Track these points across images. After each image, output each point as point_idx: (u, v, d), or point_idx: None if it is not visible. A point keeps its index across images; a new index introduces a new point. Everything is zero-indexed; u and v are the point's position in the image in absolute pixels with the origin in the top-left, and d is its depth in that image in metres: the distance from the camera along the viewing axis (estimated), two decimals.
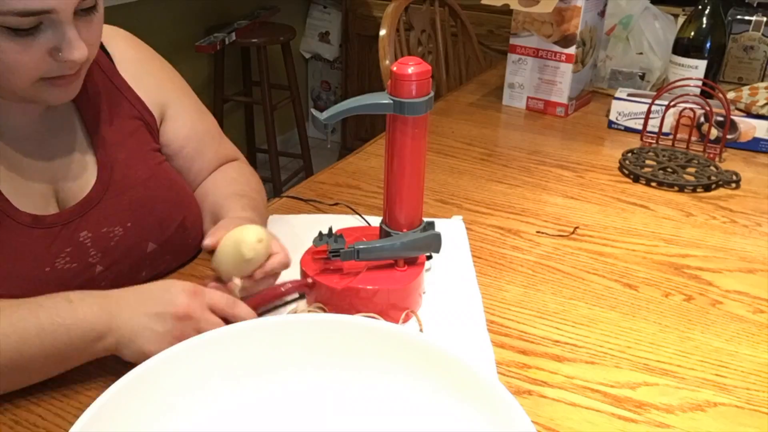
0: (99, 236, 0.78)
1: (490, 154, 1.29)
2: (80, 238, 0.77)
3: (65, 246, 0.75)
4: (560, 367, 0.74)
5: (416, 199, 0.80)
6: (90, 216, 0.78)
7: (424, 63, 0.73)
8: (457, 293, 0.85)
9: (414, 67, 0.72)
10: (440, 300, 0.83)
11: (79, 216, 0.77)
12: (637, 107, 1.38)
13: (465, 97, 1.62)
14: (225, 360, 0.56)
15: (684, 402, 0.69)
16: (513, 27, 1.48)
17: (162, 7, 2.46)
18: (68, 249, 0.75)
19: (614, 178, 1.20)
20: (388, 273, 0.79)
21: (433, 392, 0.55)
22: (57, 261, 0.74)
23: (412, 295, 0.80)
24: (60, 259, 0.75)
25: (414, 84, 0.72)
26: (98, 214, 0.78)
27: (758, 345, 0.78)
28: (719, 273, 0.92)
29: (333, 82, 3.46)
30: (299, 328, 0.58)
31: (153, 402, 0.52)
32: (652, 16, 1.59)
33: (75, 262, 0.76)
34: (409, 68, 0.72)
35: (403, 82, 0.72)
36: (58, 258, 0.75)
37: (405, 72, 0.72)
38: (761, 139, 1.31)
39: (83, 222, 0.77)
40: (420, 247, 0.80)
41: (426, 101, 0.74)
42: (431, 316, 0.81)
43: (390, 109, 0.74)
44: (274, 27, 2.77)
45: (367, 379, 0.58)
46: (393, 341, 0.57)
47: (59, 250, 0.75)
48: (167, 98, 0.89)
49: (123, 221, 0.80)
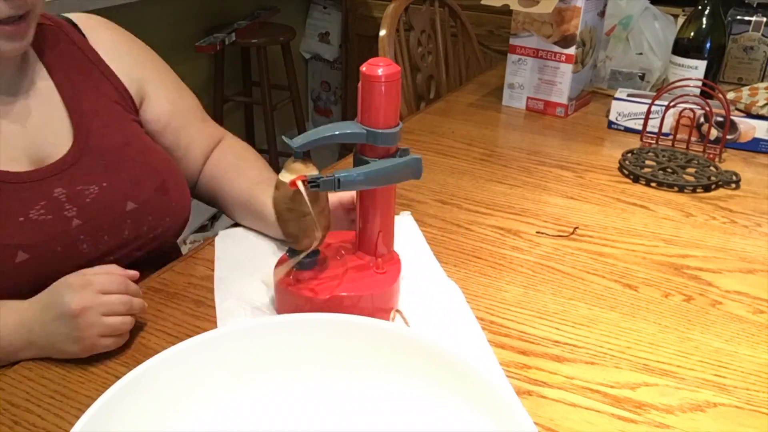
0: (74, 193, 0.80)
1: (490, 155, 1.29)
2: (54, 194, 0.79)
3: (39, 199, 0.77)
4: (560, 367, 0.74)
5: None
6: (64, 175, 0.80)
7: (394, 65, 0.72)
8: (431, 287, 0.86)
9: (384, 68, 0.71)
10: (417, 296, 0.83)
11: (53, 175, 0.79)
12: (637, 107, 1.38)
13: (465, 97, 1.62)
14: (225, 360, 0.56)
15: (684, 402, 0.70)
16: (513, 27, 1.48)
17: (162, 7, 2.46)
18: (42, 202, 0.77)
19: (614, 179, 1.20)
20: (369, 276, 0.78)
21: (434, 392, 0.55)
22: (31, 212, 0.76)
23: (395, 295, 0.80)
24: (34, 211, 0.76)
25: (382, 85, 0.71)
26: (72, 174, 0.81)
27: (758, 345, 0.78)
28: (719, 273, 0.92)
29: (333, 83, 3.46)
30: (300, 328, 0.58)
31: (153, 402, 0.52)
32: (651, 16, 1.59)
33: (50, 215, 0.78)
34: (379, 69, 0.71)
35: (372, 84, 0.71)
36: (32, 210, 0.76)
37: (375, 73, 0.71)
38: (761, 139, 1.31)
39: (57, 180, 0.79)
40: (400, 172, 0.74)
41: (396, 132, 0.73)
42: (414, 313, 0.80)
43: (363, 138, 0.73)
44: (274, 27, 2.77)
45: (369, 379, 0.58)
46: (394, 341, 0.57)
47: (33, 203, 0.77)
48: (145, 76, 0.92)
49: (98, 181, 0.82)
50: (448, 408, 0.54)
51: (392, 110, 0.73)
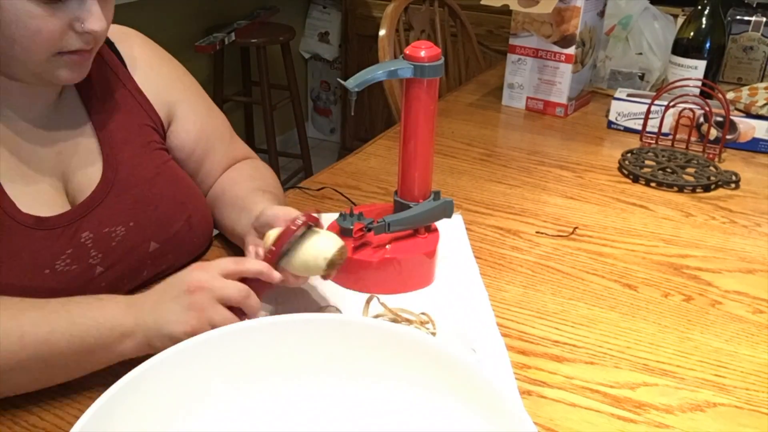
0: (100, 236, 0.78)
1: (489, 155, 1.29)
2: (81, 239, 0.76)
3: (66, 248, 0.75)
4: (560, 367, 0.74)
5: (428, 169, 0.87)
6: (92, 216, 0.78)
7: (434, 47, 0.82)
8: (463, 290, 0.86)
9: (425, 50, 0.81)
10: (448, 297, 0.85)
11: (81, 216, 0.77)
12: (637, 107, 1.38)
13: (465, 97, 1.62)
14: (225, 360, 0.56)
15: (683, 402, 0.70)
16: (512, 27, 1.48)
17: (162, 7, 2.46)
18: (69, 251, 0.75)
19: (614, 179, 1.20)
20: (413, 241, 0.87)
21: (435, 392, 0.55)
22: (57, 263, 0.74)
23: (434, 259, 0.88)
24: (60, 261, 0.75)
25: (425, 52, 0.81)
26: (101, 214, 0.78)
27: (758, 345, 0.78)
28: (719, 273, 0.92)
29: (333, 82, 3.46)
30: (300, 328, 0.58)
31: (153, 402, 0.52)
32: (651, 16, 1.59)
33: (75, 264, 0.76)
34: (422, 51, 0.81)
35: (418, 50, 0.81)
36: (59, 260, 0.74)
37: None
38: (761, 139, 1.31)
39: (85, 222, 0.77)
40: (437, 213, 0.87)
41: (440, 64, 0.82)
42: (441, 312, 0.81)
43: (410, 73, 0.81)
44: (273, 27, 2.77)
45: (370, 380, 0.58)
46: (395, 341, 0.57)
47: (60, 252, 0.75)
48: (175, 98, 0.89)
49: (125, 220, 0.80)
50: (447, 407, 0.54)
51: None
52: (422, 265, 0.86)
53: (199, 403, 0.55)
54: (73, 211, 0.77)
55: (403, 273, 0.85)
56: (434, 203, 0.87)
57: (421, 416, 0.56)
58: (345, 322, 0.58)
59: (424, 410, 0.56)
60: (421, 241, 0.87)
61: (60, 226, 0.75)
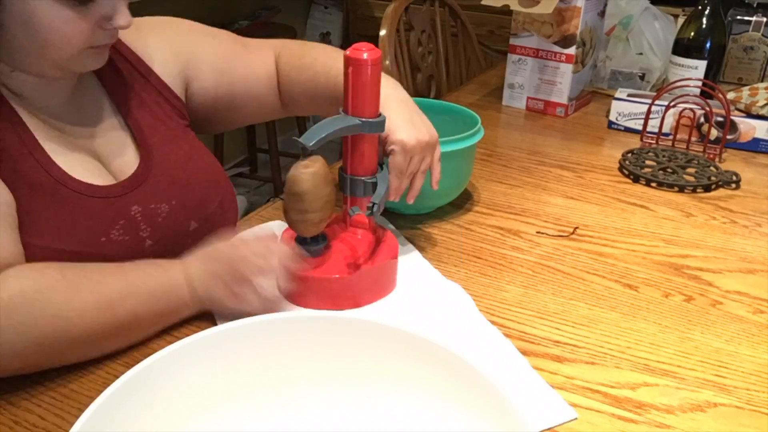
0: (148, 212, 0.80)
1: (490, 154, 1.29)
2: (132, 212, 0.79)
3: (119, 218, 0.78)
4: (560, 367, 0.74)
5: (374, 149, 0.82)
6: (139, 191, 0.80)
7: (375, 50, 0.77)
8: (433, 289, 0.86)
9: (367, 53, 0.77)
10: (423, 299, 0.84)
11: (129, 191, 0.79)
12: (637, 108, 1.38)
13: (465, 97, 1.62)
14: (225, 358, 0.56)
15: (684, 402, 0.70)
16: (513, 27, 1.48)
17: (162, 7, 2.45)
18: (121, 221, 0.78)
19: (614, 179, 1.20)
20: (378, 246, 0.83)
21: (435, 392, 0.55)
22: (112, 232, 0.77)
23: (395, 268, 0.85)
24: (114, 230, 0.77)
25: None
26: (145, 191, 0.81)
27: (758, 345, 0.78)
28: (719, 273, 0.92)
29: None
30: (300, 326, 0.58)
31: (153, 402, 0.52)
32: (652, 16, 1.59)
33: (128, 235, 0.78)
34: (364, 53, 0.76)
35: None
36: (113, 229, 0.77)
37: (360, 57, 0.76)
38: (761, 139, 1.31)
39: (134, 196, 0.80)
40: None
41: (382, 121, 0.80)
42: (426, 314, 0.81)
43: (358, 129, 0.79)
44: (275, 27, 2.77)
45: (371, 380, 0.58)
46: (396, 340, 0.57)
47: (114, 221, 0.77)
48: (184, 65, 0.90)
49: (168, 199, 0.82)
50: (448, 408, 0.54)
51: (375, 98, 0.79)
52: (390, 270, 0.83)
53: (199, 401, 0.55)
54: (122, 184, 0.79)
55: (378, 281, 0.82)
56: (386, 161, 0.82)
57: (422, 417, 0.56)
58: (347, 319, 0.58)
59: (426, 411, 0.56)
60: (385, 245, 0.84)
61: (112, 196, 0.77)
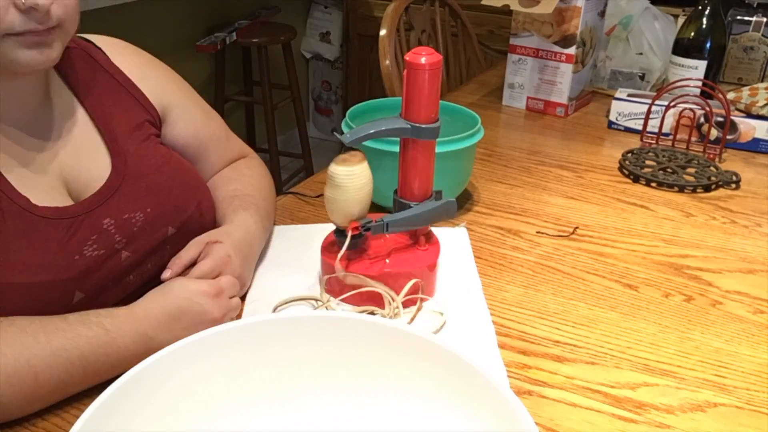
0: (122, 222, 0.79)
1: (490, 154, 1.29)
2: (104, 225, 0.78)
3: (90, 234, 0.76)
4: (560, 367, 0.74)
5: (429, 167, 0.84)
6: (111, 203, 0.79)
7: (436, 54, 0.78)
8: (462, 298, 0.85)
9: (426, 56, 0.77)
10: (447, 304, 0.84)
11: (99, 204, 0.78)
12: (637, 108, 1.38)
13: (465, 97, 1.62)
14: (225, 359, 0.56)
15: (684, 402, 0.70)
16: (513, 27, 1.48)
17: (162, 7, 2.46)
18: (94, 237, 0.76)
19: (614, 179, 1.20)
20: (413, 254, 0.84)
21: (436, 392, 0.55)
22: (85, 249, 0.75)
23: (435, 272, 0.85)
24: (87, 246, 0.76)
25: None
26: (118, 201, 0.80)
27: (758, 345, 0.78)
28: (719, 273, 0.92)
29: (334, 82, 3.46)
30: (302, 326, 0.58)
31: (153, 402, 0.52)
32: (652, 16, 1.59)
33: (102, 249, 0.77)
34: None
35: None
36: (86, 246, 0.76)
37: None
38: (761, 139, 1.31)
39: (104, 209, 0.78)
40: (438, 214, 0.85)
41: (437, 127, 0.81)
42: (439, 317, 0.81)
43: (408, 133, 0.80)
44: (275, 27, 2.77)
45: (371, 379, 0.58)
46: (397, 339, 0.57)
47: (86, 238, 0.76)
48: (170, 101, 0.90)
49: (143, 207, 0.81)
50: (448, 408, 0.54)
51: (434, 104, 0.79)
52: (423, 279, 0.83)
53: (198, 401, 0.55)
54: (90, 200, 0.78)
55: (403, 287, 0.81)
56: (435, 203, 0.84)
57: (422, 417, 0.56)
58: (347, 319, 0.58)
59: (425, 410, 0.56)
60: (421, 253, 0.84)
61: (81, 214, 0.76)
